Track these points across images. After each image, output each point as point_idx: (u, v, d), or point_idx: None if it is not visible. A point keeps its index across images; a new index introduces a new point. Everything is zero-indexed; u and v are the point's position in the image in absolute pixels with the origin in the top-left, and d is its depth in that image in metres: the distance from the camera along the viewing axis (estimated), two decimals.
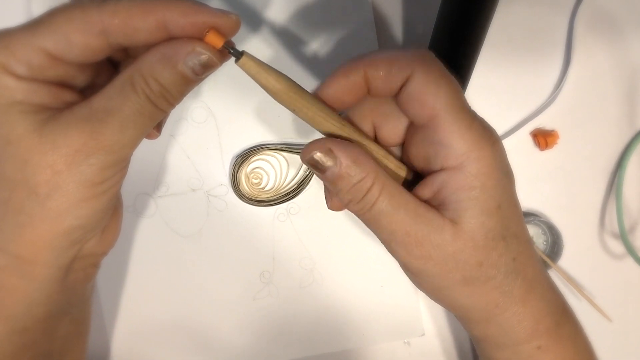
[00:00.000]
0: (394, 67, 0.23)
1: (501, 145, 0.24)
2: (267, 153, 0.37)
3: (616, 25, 0.39)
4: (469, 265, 0.24)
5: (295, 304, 0.37)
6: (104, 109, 0.22)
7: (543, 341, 0.26)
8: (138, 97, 0.22)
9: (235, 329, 0.37)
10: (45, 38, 0.20)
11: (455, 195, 0.23)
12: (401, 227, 0.24)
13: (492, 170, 0.23)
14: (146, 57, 0.22)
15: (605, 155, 0.39)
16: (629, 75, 0.39)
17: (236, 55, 0.22)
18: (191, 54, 0.21)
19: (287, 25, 0.37)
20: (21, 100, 0.21)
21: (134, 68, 0.22)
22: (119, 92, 0.22)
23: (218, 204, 0.37)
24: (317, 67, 0.37)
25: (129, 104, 0.22)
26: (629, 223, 0.39)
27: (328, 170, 0.23)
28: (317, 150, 0.23)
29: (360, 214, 0.24)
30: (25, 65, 0.21)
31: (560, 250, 0.37)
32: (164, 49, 0.21)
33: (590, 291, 0.38)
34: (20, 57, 0.21)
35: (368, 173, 0.23)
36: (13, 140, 0.21)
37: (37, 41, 0.21)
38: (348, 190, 0.24)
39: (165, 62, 0.21)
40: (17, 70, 0.21)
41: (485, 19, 0.32)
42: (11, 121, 0.21)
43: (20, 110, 0.21)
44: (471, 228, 0.23)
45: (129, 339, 0.37)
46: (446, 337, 0.38)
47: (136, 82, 0.21)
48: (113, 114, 0.21)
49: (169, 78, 0.22)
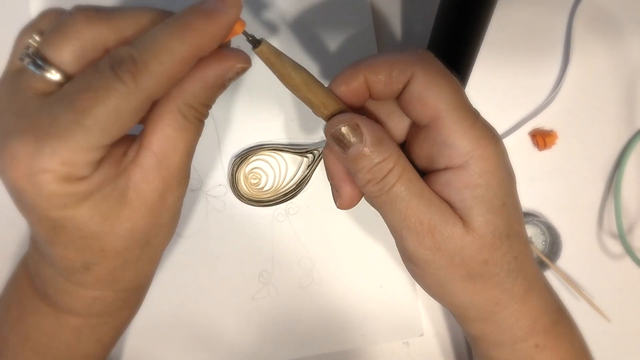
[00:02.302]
0: (395, 70, 0.23)
1: (503, 144, 0.25)
2: (266, 153, 0.37)
3: (615, 25, 0.39)
4: (475, 261, 0.24)
5: (295, 304, 0.37)
6: (171, 148, 0.22)
7: (540, 339, 0.26)
8: (192, 124, 0.22)
9: (235, 329, 0.37)
10: (97, 136, 0.20)
11: (460, 194, 0.23)
12: (415, 214, 0.23)
13: (496, 169, 0.24)
14: (188, 87, 0.22)
15: (603, 156, 0.39)
16: (627, 75, 0.39)
17: (254, 43, 0.22)
18: (232, 70, 0.22)
19: (287, 27, 0.37)
20: (91, 191, 0.21)
21: (180, 101, 0.22)
22: (175, 129, 0.22)
23: (217, 204, 0.37)
24: (317, 68, 0.37)
25: (188, 134, 0.22)
26: (628, 223, 0.39)
27: (352, 146, 0.23)
28: (345, 124, 0.23)
29: (376, 195, 0.24)
30: (88, 166, 0.20)
31: (558, 251, 0.37)
32: (205, 74, 0.22)
33: (589, 291, 0.38)
34: (80, 162, 0.20)
35: (391, 154, 0.23)
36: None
37: (92, 141, 0.20)
38: (369, 170, 0.23)
39: (209, 87, 0.22)
40: (81, 173, 0.20)
41: (484, 19, 0.32)
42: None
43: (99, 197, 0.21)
44: (479, 225, 0.23)
45: (128, 339, 0.37)
46: (445, 338, 0.38)
47: (187, 113, 0.22)
48: (177, 150, 0.22)
49: (213, 96, 0.23)
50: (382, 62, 0.24)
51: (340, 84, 0.24)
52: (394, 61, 0.23)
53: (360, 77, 0.24)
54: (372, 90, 0.24)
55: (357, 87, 0.24)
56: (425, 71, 0.23)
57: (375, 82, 0.24)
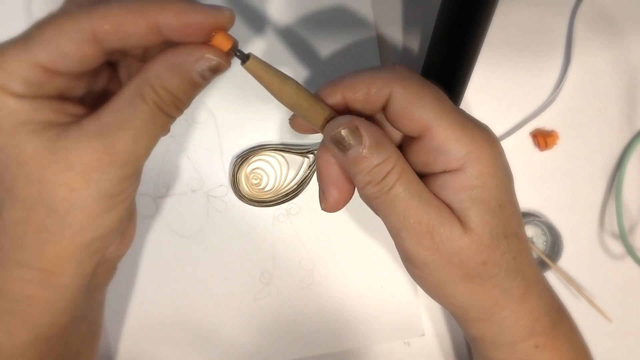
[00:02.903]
0: (373, 88, 0.24)
1: (500, 144, 0.25)
2: (267, 153, 0.37)
3: (616, 25, 0.39)
4: (474, 262, 0.24)
5: (296, 304, 0.37)
6: (115, 123, 0.21)
7: (540, 339, 0.26)
8: (149, 107, 0.21)
9: (236, 329, 0.37)
10: (38, 52, 0.20)
11: (457, 196, 0.24)
12: (414, 214, 0.23)
13: (493, 169, 0.24)
14: (153, 66, 0.21)
15: (605, 156, 0.39)
16: (628, 76, 0.39)
17: (242, 58, 0.22)
18: (201, 61, 0.21)
19: (286, 32, 0.37)
20: (26, 120, 0.21)
21: (142, 79, 0.21)
22: (129, 104, 0.21)
23: (218, 204, 0.37)
24: (318, 72, 0.37)
25: (140, 116, 0.21)
26: (629, 223, 0.39)
27: (352, 149, 0.23)
28: (344, 126, 0.23)
29: (376, 196, 0.24)
30: (22, 83, 0.20)
31: (560, 251, 0.37)
32: (172, 57, 0.21)
33: (590, 291, 0.38)
34: (17, 75, 0.20)
35: (390, 156, 0.23)
36: (25, 160, 0.21)
37: (30, 56, 0.20)
38: (369, 172, 0.23)
39: (174, 71, 0.21)
40: (16, 89, 0.20)
41: (485, 19, 0.32)
42: (20, 142, 0.21)
43: (28, 130, 0.21)
44: (477, 226, 0.24)
45: (128, 339, 0.37)
46: (446, 338, 0.38)
47: (145, 93, 0.21)
48: (125, 127, 0.21)
49: (178, 86, 0.22)
50: (359, 80, 0.24)
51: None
52: (370, 79, 0.24)
53: (338, 95, 0.24)
54: (351, 108, 0.25)
55: (335, 104, 0.24)
56: (403, 87, 0.23)
57: (354, 100, 0.24)
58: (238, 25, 0.36)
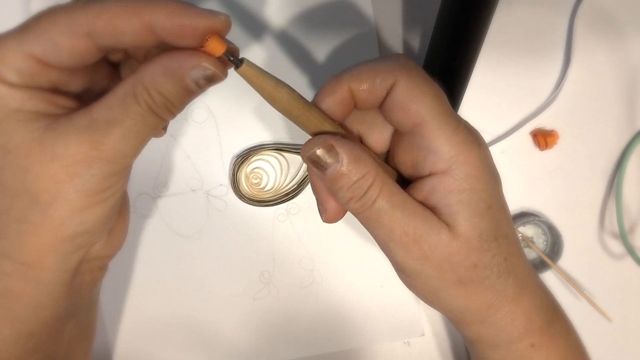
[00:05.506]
0: (378, 78, 0.24)
1: (486, 147, 0.25)
2: (267, 153, 0.37)
3: (616, 25, 0.39)
4: (464, 266, 0.24)
5: (295, 304, 0.37)
6: (105, 119, 0.21)
7: (536, 339, 0.26)
8: (140, 107, 0.21)
9: (236, 329, 0.37)
10: (32, 43, 0.20)
11: (446, 199, 0.24)
12: (400, 226, 0.24)
13: (480, 172, 0.24)
14: (149, 68, 0.21)
15: (605, 155, 0.39)
16: (629, 75, 0.39)
17: (236, 63, 0.22)
18: (197, 68, 0.21)
19: (286, 30, 0.37)
20: (17, 109, 0.21)
21: (136, 79, 0.21)
22: (121, 102, 0.21)
23: (218, 204, 0.37)
24: (317, 72, 0.37)
25: (132, 115, 0.21)
26: (629, 223, 0.39)
27: (329, 167, 0.23)
28: (319, 146, 0.23)
29: (359, 212, 0.24)
30: (16, 72, 0.20)
31: (560, 250, 0.37)
32: (168, 61, 0.21)
33: (590, 291, 0.38)
34: (10, 64, 0.20)
35: (369, 171, 0.23)
36: (12, 149, 0.21)
37: (24, 47, 0.20)
38: (349, 188, 0.24)
39: (169, 75, 0.21)
40: (9, 77, 0.20)
41: (485, 19, 0.32)
42: (9, 130, 0.21)
43: (17, 118, 0.21)
44: (465, 230, 0.24)
45: (129, 339, 0.37)
46: (446, 338, 0.38)
47: (138, 93, 0.21)
48: (114, 125, 0.21)
49: (172, 90, 0.21)
50: (366, 70, 0.24)
51: (326, 95, 0.24)
52: (376, 69, 0.24)
53: (344, 87, 0.24)
54: (356, 100, 0.25)
55: (342, 97, 0.24)
56: (408, 77, 0.23)
57: (360, 91, 0.24)
58: (237, 25, 0.36)
